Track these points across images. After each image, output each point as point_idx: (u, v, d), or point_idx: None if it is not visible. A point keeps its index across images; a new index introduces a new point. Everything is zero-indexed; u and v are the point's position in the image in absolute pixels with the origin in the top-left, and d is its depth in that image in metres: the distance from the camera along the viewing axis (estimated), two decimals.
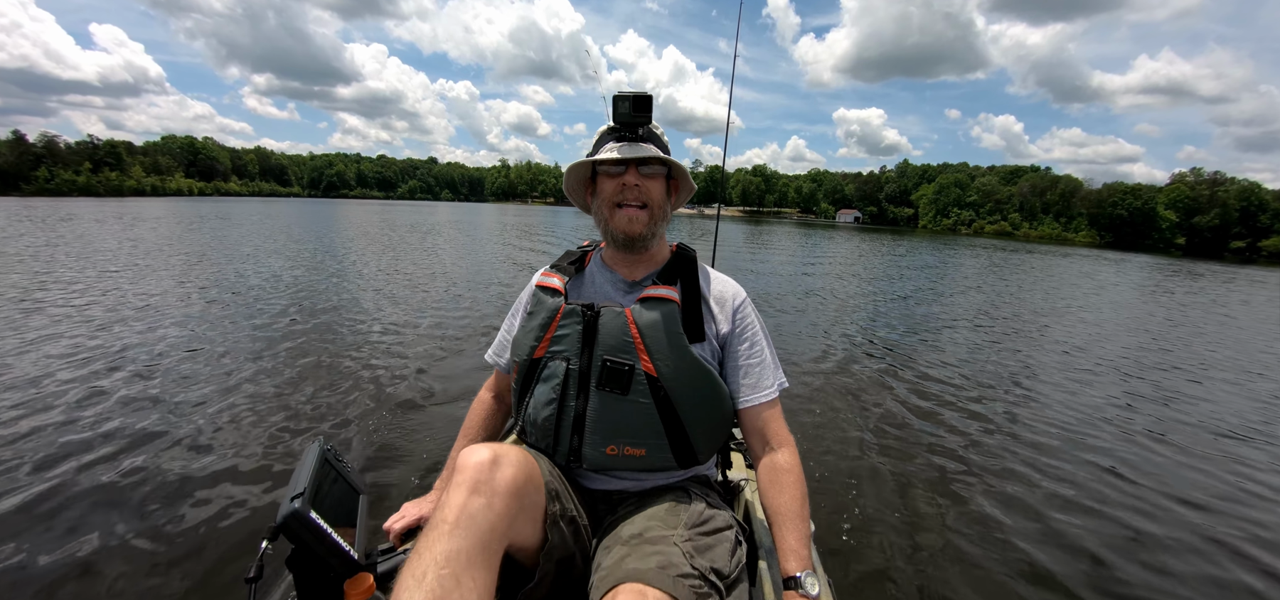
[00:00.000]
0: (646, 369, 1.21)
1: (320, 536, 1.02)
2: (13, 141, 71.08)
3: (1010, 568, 2.57)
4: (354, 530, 1.17)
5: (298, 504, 1.01)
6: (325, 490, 1.13)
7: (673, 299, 1.27)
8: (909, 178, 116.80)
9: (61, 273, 9.15)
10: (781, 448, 1.27)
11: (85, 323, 6.06)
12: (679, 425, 1.21)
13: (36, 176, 69.06)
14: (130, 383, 4.28)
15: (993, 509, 3.07)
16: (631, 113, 1.26)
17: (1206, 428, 4.59)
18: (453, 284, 9.96)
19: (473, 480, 0.96)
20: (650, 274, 1.36)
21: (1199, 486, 3.51)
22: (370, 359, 5.18)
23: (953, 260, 23.65)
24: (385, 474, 3.09)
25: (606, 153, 1.28)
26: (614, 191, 1.29)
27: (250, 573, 0.98)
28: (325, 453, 1.20)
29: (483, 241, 20.62)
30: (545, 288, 1.37)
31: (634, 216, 1.28)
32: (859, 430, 4.05)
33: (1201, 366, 6.84)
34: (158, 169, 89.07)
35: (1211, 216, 73.69)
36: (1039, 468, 3.62)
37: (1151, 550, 2.78)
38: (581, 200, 1.45)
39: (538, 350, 1.29)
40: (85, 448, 3.22)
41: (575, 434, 1.23)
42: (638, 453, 1.21)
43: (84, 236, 15.29)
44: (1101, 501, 3.23)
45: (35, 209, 29.74)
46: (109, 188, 75.52)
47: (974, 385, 5.41)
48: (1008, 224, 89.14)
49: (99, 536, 2.44)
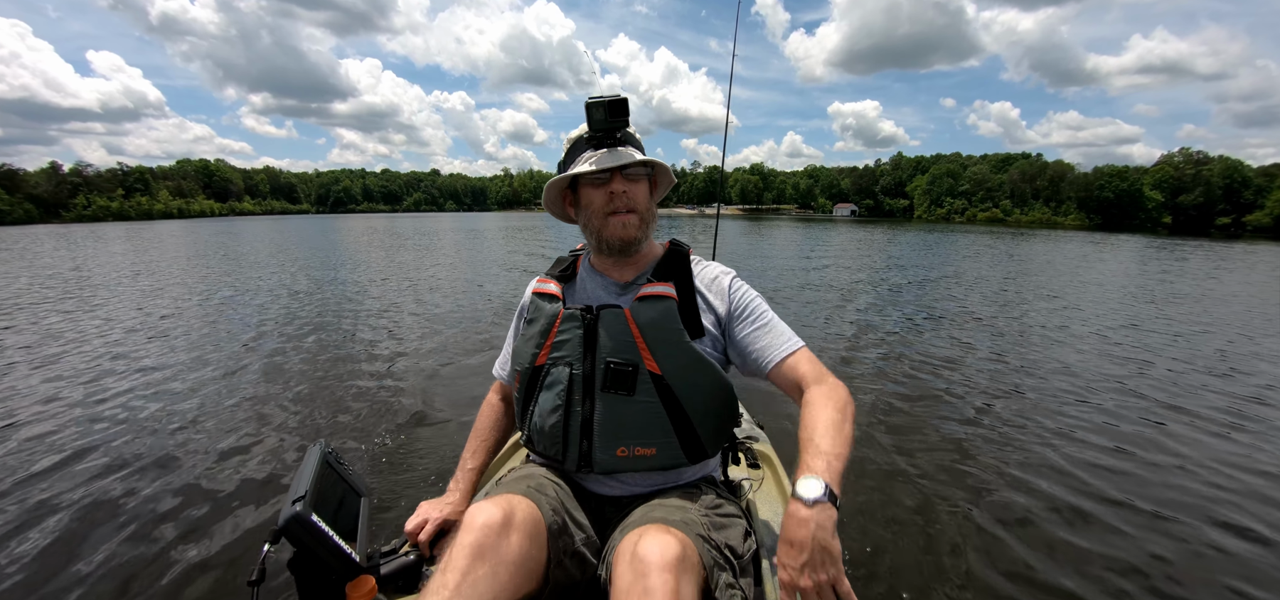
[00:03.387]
0: (650, 368, 1.17)
1: (321, 539, 0.99)
2: (48, 171, 72.45)
3: (1017, 560, 2.45)
4: (355, 533, 1.14)
5: (299, 507, 0.98)
6: (327, 493, 1.10)
7: (670, 295, 1.23)
8: (903, 169, 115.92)
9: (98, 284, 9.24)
10: (820, 381, 1.15)
11: (92, 330, 6.11)
12: (686, 420, 1.18)
13: (75, 204, 70.26)
14: (134, 387, 4.29)
15: (1000, 499, 2.96)
16: (608, 119, 1.20)
17: (1221, 409, 4.49)
18: (456, 288, 9.94)
19: (478, 545, 0.93)
20: (641, 274, 1.32)
21: (1217, 475, 3.38)
22: (371, 362, 5.14)
23: (937, 248, 23.48)
24: (386, 476, 3.03)
25: (588, 164, 1.22)
26: (604, 201, 1.24)
27: (252, 576, 0.96)
28: (326, 455, 1.17)
29: (490, 245, 20.68)
30: (542, 294, 1.33)
31: (627, 222, 1.24)
32: (862, 422, 3.95)
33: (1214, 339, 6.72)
34: (181, 193, 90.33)
35: (1196, 195, 72.87)
36: (1045, 453, 3.51)
37: (1169, 539, 2.64)
38: (560, 212, 1.37)
39: (539, 357, 1.25)
40: (88, 452, 3.21)
41: (584, 439, 1.20)
42: (648, 452, 1.18)
43: (120, 254, 15.44)
44: (1112, 489, 3.09)
45: (77, 232, 30.11)
46: (140, 212, 76.78)
47: (973, 369, 5.33)
48: (999, 211, 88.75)
49: (101, 540, 2.42)
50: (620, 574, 0.91)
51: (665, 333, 1.19)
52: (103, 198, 73.58)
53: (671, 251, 1.34)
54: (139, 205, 77.32)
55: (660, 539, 0.92)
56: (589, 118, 1.22)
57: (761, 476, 1.75)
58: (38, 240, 26.17)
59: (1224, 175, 72.31)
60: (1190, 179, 74.47)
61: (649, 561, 0.89)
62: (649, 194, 1.30)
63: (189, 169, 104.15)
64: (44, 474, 2.97)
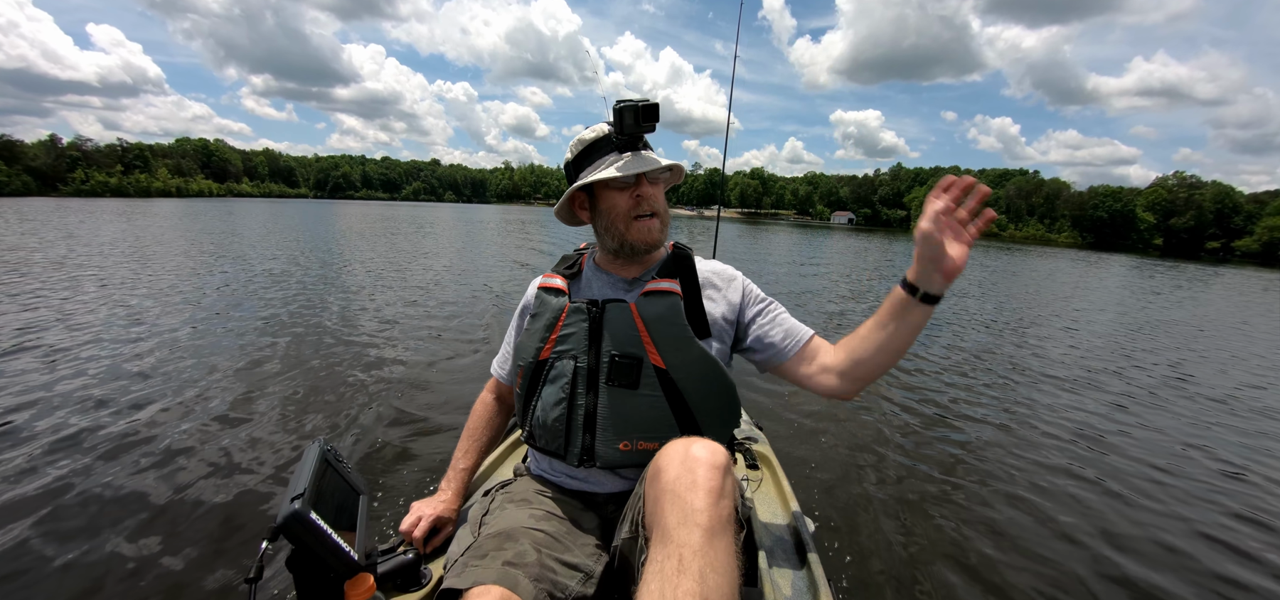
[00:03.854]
0: (655, 362, 1.17)
1: (320, 537, 0.97)
2: (47, 144, 71.67)
3: (1010, 564, 2.48)
4: (354, 531, 1.12)
5: (297, 505, 0.96)
6: (325, 491, 1.07)
7: (675, 291, 1.23)
8: (902, 180, 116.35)
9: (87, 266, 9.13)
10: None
11: (90, 319, 6.03)
12: (689, 414, 1.18)
13: (73, 178, 69.57)
14: (130, 382, 4.18)
15: (993, 503, 2.98)
16: (638, 124, 1.19)
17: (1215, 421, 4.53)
18: (455, 283, 9.83)
19: None
20: (647, 271, 1.32)
21: (1209, 484, 3.43)
22: (372, 359, 5.07)
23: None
24: (386, 474, 2.99)
25: (613, 168, 1.21)
26: (630, 206, 1.24)
27: (250, 574, 0.93)
28: (325, 453, 1.15)
29: (490, 238, 20.60)
30: (548, 288, 1.33)
31: (651, 226, 1.25)
32: (859, 423, 3.97)
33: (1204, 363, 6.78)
34: (180, 171, 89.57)
35: (1187, 218, 73.65)
36: (1040, 461, 3.53)
37: (1158, 545, 2.68)
38: (568, 215, 1.35)
39: (543, 351, 1.24)
40: (83, 447, 3.12)
41: (587, 432, 1.19)
42: (651, 446, 1.17)
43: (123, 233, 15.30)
44: (1106, 495, 3.12)
45: (74, 207, 29.80)
46: (138, 189, 76.12)
47: (970, 378, 5.35)
48: (994, 225, 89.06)
49: (97, 537, 2.36)
50: (667, 466, 0.91)
51: (671, 327, 1.19)
52: (101, 173, 72.73)
53: (676, 252, 1.35)
54: (137, 182, 76.44)
55: (710, 445, 0.93)
56: (619, 121, 1.21)
57: (760, 477, 1.75)
58: (36, 212, 25.88)
59: (1216, 200, 73.07)
60: (1182, 203, 75.17)
61: (699, 458, 0.90)
62: (664, 196, 1.32)
63: (188, 148, 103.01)
64: (35, 469, 2.88)
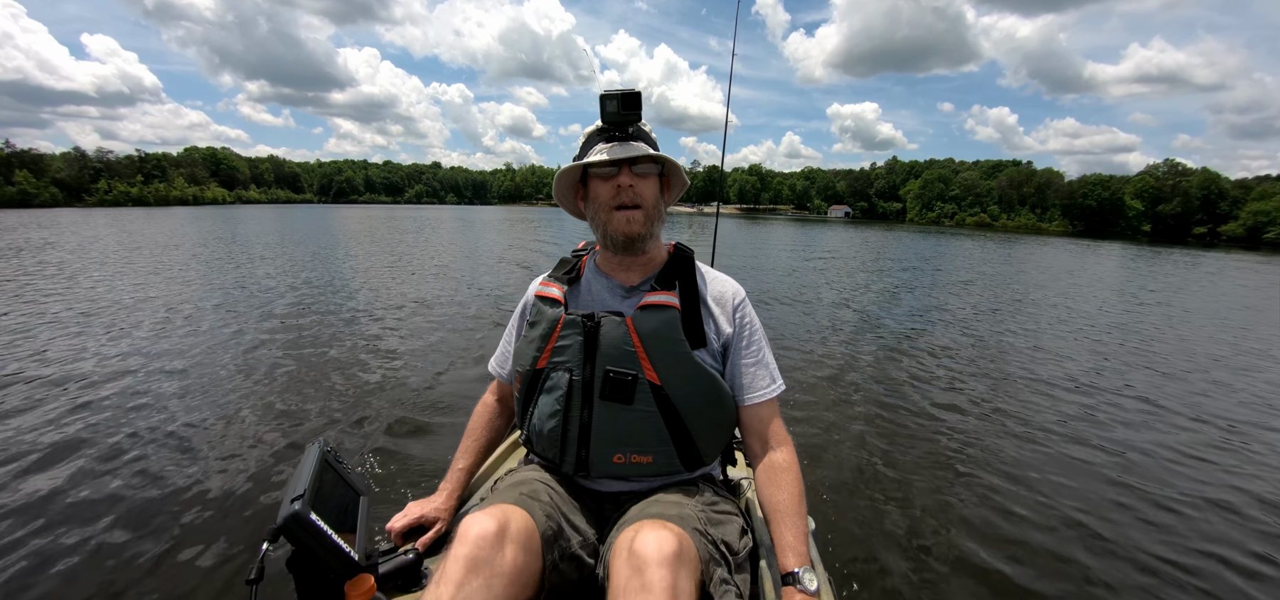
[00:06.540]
0: (650, 378, 1.14)
1: (320, 538, 0.96)
2: (72, 156, 72.15)
3: (1009, 563, 2.41)
4: (354, 531, 1.10)
5: (298, 506, 0.94)
6: (326, 491, 1.06)
7: (673, 305, 1.19)
8: (898, 173, 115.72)
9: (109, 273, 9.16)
10: (780, 447, 1.21)
11: (92, 322, 6.02)
12: (684, 431, 1.15)
13: (97, 189, 69.98)
14: (131, 385, 4.15)
15: (992, 501, 2.91)
16: (620, 111, 1.16)
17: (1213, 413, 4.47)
18: (455, 285, 9.76)
19: (472, 558, 0.89)
20: (648, 278, 1.27)
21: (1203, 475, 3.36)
22: (372, 360, 5.03)
23: (918, 247, 23.45)
24: (385, 475, 2.96)
25: (596, 155, 1.18)
26: (610, 194, 1.19)
27: (251, 574, 0.92)
28: (325, 454, 1.13)
29: (492, 237, 20.57)
30: (544, 297, 1.29)
31: (632, 217, 1.19)
32: (856, 422, 3.92)
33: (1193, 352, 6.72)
34: (195, 179, 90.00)
35: (1174, 204, 73.24)
36: (1040, 458, 3.48)
37: (1157, 545, 2.62)
38: (571, 205, 1.34)
39: (540, 361, 1.21)
40: (85, 449, 3.10)
41: (582, 445, 1.17)
42: (644, 460, 1.16)
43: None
44: (1107, 494, 3.04)
45: (98, 217, 29.86)
46: (158, 197, 76.52)
47: (969, 371, 5.31)
48: (987, 216, 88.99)
49: (99, 539, 2.34)
50: (617, 570, 0.89)
51: (667, 342, 1.16)
52: (123, 183, 73.19)
53: (677, 255, 1.30)
54: (157, 191, 76.92)
55: (657, 534, 0.90)
56: (602, 109, 1.18)
57: None
58: (65, 224, 26.03)
59: (1202, 186, 72.70)
60: (1170, 190, 74.67)
61: (645, 557, 0.87)
62: (658, 192, 1.25)
63: (197, 156, 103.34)
64: (36, 469, 2.86)
